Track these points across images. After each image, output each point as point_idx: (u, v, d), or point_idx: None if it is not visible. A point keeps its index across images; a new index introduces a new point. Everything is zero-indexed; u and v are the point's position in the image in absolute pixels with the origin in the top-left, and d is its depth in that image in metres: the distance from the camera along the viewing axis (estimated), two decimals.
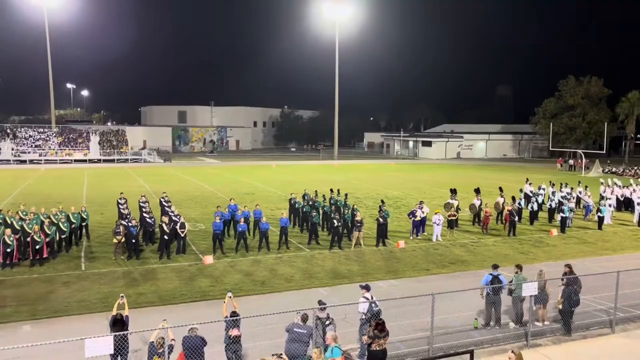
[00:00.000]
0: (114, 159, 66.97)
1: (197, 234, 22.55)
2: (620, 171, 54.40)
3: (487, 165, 68.42)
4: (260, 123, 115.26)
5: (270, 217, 24.17)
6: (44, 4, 67.81)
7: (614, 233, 24.53)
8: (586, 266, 18.23)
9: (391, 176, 50.97)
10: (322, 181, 42.76)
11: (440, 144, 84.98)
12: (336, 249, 20.21)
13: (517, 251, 20.68)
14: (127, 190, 31.09)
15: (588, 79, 74.74)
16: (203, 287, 15.57)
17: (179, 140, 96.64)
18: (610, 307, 13.28)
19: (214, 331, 10.13)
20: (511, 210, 23.75)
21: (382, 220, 21.10)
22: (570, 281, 12.64)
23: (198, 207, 30.08)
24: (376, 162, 72.85)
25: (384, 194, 36.01)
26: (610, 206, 27.52)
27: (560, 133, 73.13)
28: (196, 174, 50.54)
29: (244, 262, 18.36)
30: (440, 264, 18.53)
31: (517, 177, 48.78)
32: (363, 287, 11.43)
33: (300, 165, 65.02)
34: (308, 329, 9.88)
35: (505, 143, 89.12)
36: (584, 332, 12.65)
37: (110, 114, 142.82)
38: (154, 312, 13.40)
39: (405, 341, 11.83)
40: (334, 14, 72.71)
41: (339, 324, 10.81)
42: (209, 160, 72.90)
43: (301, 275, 16.95)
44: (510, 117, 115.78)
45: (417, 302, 12.62)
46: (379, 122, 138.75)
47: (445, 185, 39.17)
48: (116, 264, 17.87)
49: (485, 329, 12.68)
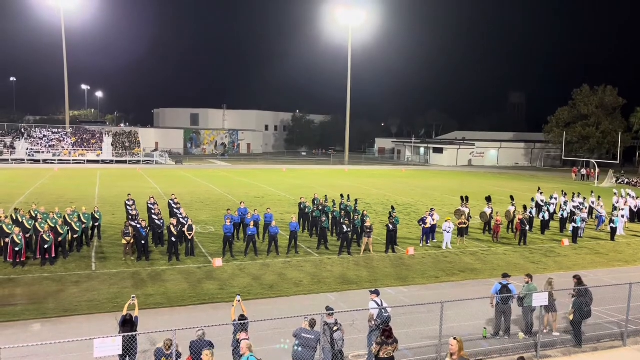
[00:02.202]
0: (126, 160, 67.47)
1: (207, 237, 22.61)
2: (634, 182, 53.77)
3: (499, 174, 67.97)
4: (272, 127, 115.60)
5: (279, 221, 24.18)
6: (61, 6, 68.68)
7: (627, 244, 24.23)
8: (598, 277, 18.01)
9: (402, 182, 50.81)
10: (332, 186, 42.73)
11: (452, 151, 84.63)
12: (345, 254, 20.16)
13: (528, 260, 20.49)
14: (137, 192, 31.34)
15: (603, 88, 74.19)
16: (211, 290, 15.59)
17: (190, 142, 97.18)
18: (622, 320, 13.11)
19: (220, 334, 10.13)
20: (522, 219, 23.55)
21: (392, 226, 21.02)
22: (582, 292, 12.49)
23: (208, 209, 30.18)
24: (387, 168, 72.69)
25: (394, 200, 35.89)
26: (623, 217, 27.20)
27: (574, 142, 72.61)
28: (207, 177, 50.76)
29: (253, 265, 18.38)
30: (450, 272, 18.41)
31: (529, 185, 48.40)
32: (373, 292, 11.38)
33: (310, 170, 65.05)
34: (316, 335, 9.84)
35: (517, 151, 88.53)
36: (595, 344, 12.48)
37: (124, 115, 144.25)
38: (162, 314, 13.45)
39: (413, 349, 11.75)
40: (347, 19, 72.84)
41: (347, 330, 10.76)
42: (220, 163, 73.19)
43: (310, 280, 16.92)
44: (523, 125, 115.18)
45: (426, 309, 12.55)
46: (390, 127, 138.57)
47: (456, 192, 38.97)
48: (125, 264, 17.97)
49: (495, 338, 12.56)
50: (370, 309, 11.06)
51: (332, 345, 9.98)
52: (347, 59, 76.12)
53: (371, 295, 11.32)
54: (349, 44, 75.42)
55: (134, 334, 9.49)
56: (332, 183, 46.61)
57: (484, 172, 69.25)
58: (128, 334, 9.28)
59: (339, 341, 10.04)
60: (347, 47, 75.70)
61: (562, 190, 33.66)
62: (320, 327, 9.94)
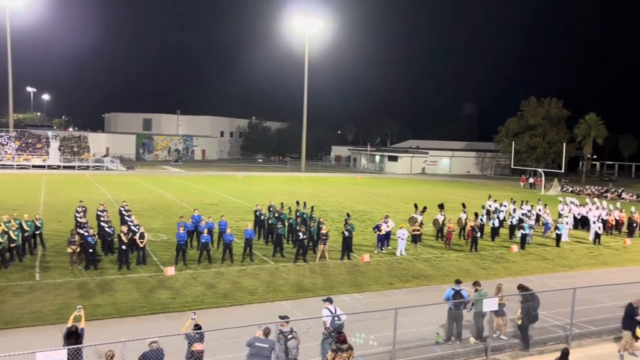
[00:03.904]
0: (74, 166, 65.13)
1: (159, 245, 22.07)
2: (578, 190, 56.24)
3: (451, 182, 69.65)
4: (227, 133, 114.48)
5: (235, 228, 23.90)
6: (6, 5, 65.90)
7: (571, 250, 25.25)
8: (544, 282, 18.67)
9: (357, 190, 51.27)
10: (289, 193, 42.64)
11: (406, 159, 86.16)
12: (301, 261, 20.10)
13: (479, 266, 21.03)
14: (88, 198, 30.29)
15: (548, 100, 77.37)
16: (163, 299, 15.20)
17: (143, 148, 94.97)
18: (566, 323, 13.62)
19: (172, 344, 9.87)
20: (473, 226, 24.17)
21: (347, 233, 21.14)
22: (528, 297, 12.90)
23: (160, 217, 29.49)
24: (343, 176, 73.20)
25: (350, 207, 36.15)
26: (568, 224, 28.33)
27: (522, 152, 75.26)
28: (160, 183, 49.66)
29: (206, 274, 18.05)
30: (404, 278, 18.65)
31: (480, 193, 49.80)
32: (326, 300, 11.42)
33: (266, 177, 64.74)
34: (270, 343, 9.74)
35: (469, 160, 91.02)
36: (542, 347, 12.90)
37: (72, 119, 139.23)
38: (110, 325, 13.01)
39: (367, 356, 11.80)
40: (304, 26, 73.19)
41: (302, 337, 10.71)
42: (173, 170, 71.79)
43: (265, 288, 16.77)
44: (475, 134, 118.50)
45: (380, 316, 12.64)
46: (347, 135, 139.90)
47: (410, 200, 39.63)
48: (72, 274, 17.29)
49: (447, 343, 12.78)
50: (324, 316, 11.06)
51: (286, 354, 9.90)
52: (304, 67, 76.42)
53: (324, 303, 11.35)
54: (306, 51, 75.76)
55: (79, 347, 9.12)
56: (289, 190, 46.51)
57: (437, 180, 70.78)
58: (73, 347, 8.90)
59: (293, 349, 9.97)
60: (304, 54, 76.03)
61: (512, 198, 34.80)
62: (274, 336, 9.84)
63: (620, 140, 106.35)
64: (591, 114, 74.85)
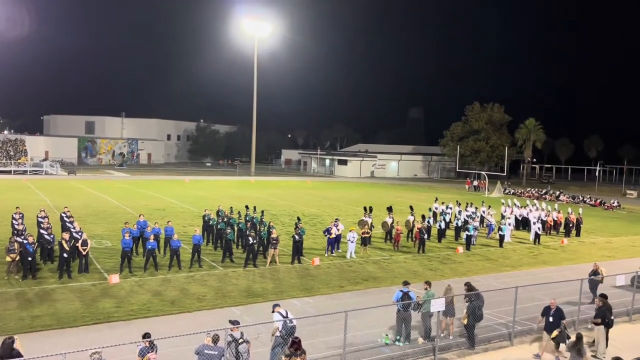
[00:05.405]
0: (10, 170, 61.93)
1: (103, 252, 21.30)
2: (519, 192, 58.55)
3: (399, 185, 70.94)
4: (174, 136, 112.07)
5: (182, 234, 23.39)
6: None
7: (513, 250, 26.22)
8: (488, 282, 19.28)
9: (308, 193, 51.34)
10: (238, 197, 42.17)
11: (356, 162, 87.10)
12: (251, 266, 19.89)
13: (426, 268, 21.48)
14: (25, 205, 28.87)
15: (491, 106, 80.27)
16: (107, 308, 14.66)
17: (85, 152, 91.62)
18: (509, 321, 14.12)
19: (117, 355, 9.53)
20: (421, 228, 24.69)
21: (298, 237, 21.10)
22: (473, 297, 13.28)
23: (104, 223, 28.48)
24: (293, 179, 73.13)
25: (300, 211, 36.13)
26: (510, 225, 29.41)
27: (466, 155, 77.68)
28: (103, 188, 47.97)
29: (153, 281, 17.55)
30: (354, 281, 18.79)
31: (426, 196, 50.94)
32: (275, 306, 11.35)
33: (215, 181, 63.76)
34: (219, 350, 9.57)
35: (416, 163, 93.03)
36: (486, 345, 13.31)
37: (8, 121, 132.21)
38: (50, 337, 12.42)
39: (318, 359, 11.80)
40: (254, 29, 72.72)
41: (252, 343, 10.58)
42: (117, 174, 69.54)
43: (214, 294, 16.48)
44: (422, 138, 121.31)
45: (331, 319, 12.68)
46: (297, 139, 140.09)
47: (359, 203, 40.05)
48: (9, 284, 16.40)
49: (396, 344, 12.96)
50: (275, 321, 10.98)
51: (237, 358, 9.76)
52: (253, 70, 75.91)
53: (275, 308, 11.27)
54: (255, 54, 75.29)
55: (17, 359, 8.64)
56: (238, 194, 46.01)
57: (385, 183, 71.90)
58: None
59: (244, 354, 9.84)
60: (253, 57, 75.55)
61: (457, 201, 35.78)
62: (224, 342, 9.68)
63: (557, 144, 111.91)
64: (530, 119, 78.26)
